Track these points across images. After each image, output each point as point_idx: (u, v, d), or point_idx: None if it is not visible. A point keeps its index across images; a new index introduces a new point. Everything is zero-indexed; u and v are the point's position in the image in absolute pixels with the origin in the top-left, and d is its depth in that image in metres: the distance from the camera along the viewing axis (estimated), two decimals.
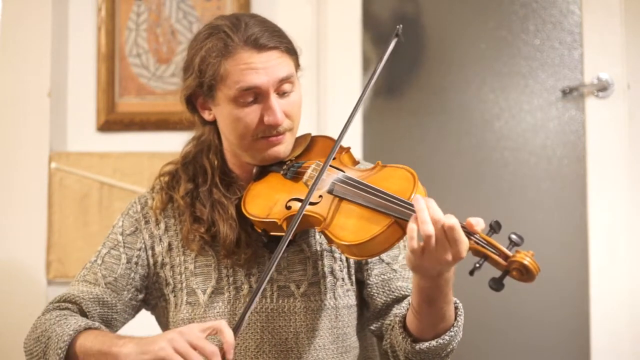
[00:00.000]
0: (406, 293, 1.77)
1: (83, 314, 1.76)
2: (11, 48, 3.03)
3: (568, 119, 3.06)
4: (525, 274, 1.47)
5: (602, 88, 3.00)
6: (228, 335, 1.52)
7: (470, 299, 2.95)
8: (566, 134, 3.06)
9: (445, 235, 1.48)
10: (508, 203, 3.09)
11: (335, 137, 1.78)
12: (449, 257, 1.48)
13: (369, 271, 1.80)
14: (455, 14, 3.16)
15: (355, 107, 1.74)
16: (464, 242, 1.48)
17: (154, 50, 3.06)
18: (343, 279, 1.80)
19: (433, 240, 1.48)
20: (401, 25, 1.75)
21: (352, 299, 1.81)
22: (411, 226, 1.50)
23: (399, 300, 1.78)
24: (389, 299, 1.78)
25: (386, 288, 1.79)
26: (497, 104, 3.10)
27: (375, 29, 3.17)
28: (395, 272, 1.80)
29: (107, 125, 3.05)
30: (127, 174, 2.99)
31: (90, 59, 3.07)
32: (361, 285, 1.82)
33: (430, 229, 1.48)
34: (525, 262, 1.46)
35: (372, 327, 1.81)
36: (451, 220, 1.48)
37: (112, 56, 3.06)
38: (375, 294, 1.79)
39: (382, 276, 1.79)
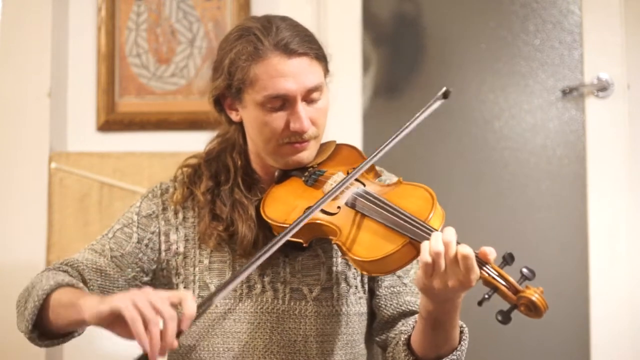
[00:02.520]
0: (414, 308, 1.77)
1: (84, 281, 1.76)
2: (11, 48, 3.03)
3: (568, 119, 3.06)
4: (533, 310, 1.47)
5: (602, 88, 2.99)
6: (190, 307, 1.46)
7: (470, 299, 2.95)
8: (566, 134, 3.06)
9: (458, 263, 1.47)
10: (508, 203, 3.08)
11: (339, 141, 1.78)
12: (458, 283, 1.48)
13: (380, 282, 1.80)
14: (455, 14, 3.16)
15: (396, 135, 1.76)
16: (475, 272, 1.48)
17: (154, 50, 3.06)
18: (356, 287, 1.80)
19: (442, 261, 1.47)
20: (452, 89, 1.73)
21: (363, 307, 1.81)
22: (425, 242, 1.51)
23: (406, 314, 1.78)
24: (396, 312, 1.78)
25: (394, 301, 1.79)
26: (497, 104, 3.10)
27: (375, 29, 3.17)
28: (405, 286, 1.80)
29: (107, 125, 3.05)
30: (127, 174, 2.99)
31: (90, 59, 3.07)
32: (371, 294, 1.82)
33: (440, 247, 1.47)
34: (534, 299, 1.46)
35: (377, 338, 1.82)
36: (466, 250, 1.47)
37: (112, 56, 3.06)
38: (384, 306, 1.79)
39: (392, 289, 1.79)
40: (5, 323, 2.92)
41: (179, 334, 1.46)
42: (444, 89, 1.74)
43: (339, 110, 3.06)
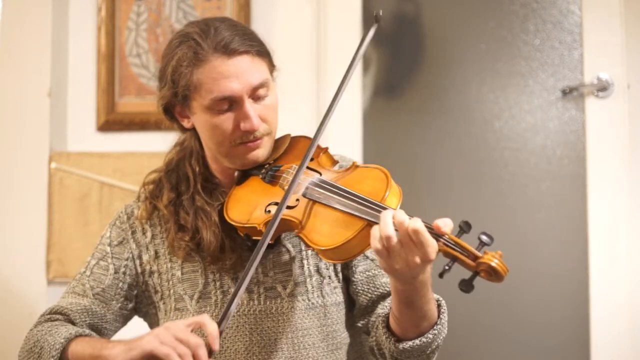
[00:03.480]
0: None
1: (73, 324, 1.77)
2: (11, 48, 3.03)
3: (568, 119, 3.06)
4: (494, 275, 1.46)
5: (602, 88, 3.00)
6: (211, 327, 1.54)
7: (470, 299, 2.95)
8: (566, 134, 3.07)
9: (411, 238, 1.47)
10: (508, 203, 3.09)
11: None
12: (417, 259, 1.48)
13: (354, 268, 1.81)
14: (455, 14, 3.16)
15: (331, 106, 1.73)
16: (432, 245, 1.48)
17: (154, 50, 3.06)
18: (329, 277, 1.80)
19: (393, 241, 1.48)
20: (381, 11, 1.72)
21: (339, 296, 1.81)
22: (374, 228, 1.51)
23: (384, 296, 1.78)
24: (374, 296, 1.79)
25: (371, 285, 1.79)
26: (497, 104, 3.10)
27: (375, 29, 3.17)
28: (379, 269, 1.80)
29: (107, 125, 3.05)
30: (127, 174, 2.99)
31: (90, 59, 3.07)
32: (347, 281, 1.83)
33: (389, 231, 1.47)
34: (493, 264, 1.45)
35: (359, 324, 1.82)
36: (416, 224, 1.47)
37: (112, 56, 3.06)
38: (361, 291, 1.80)
39: (367, 273, 1.80)
40: (5, 323, 2.92)
41: (210, 353, 1.53)
42: (375, 13, 1.71)
43: (339, 110, 3.06)
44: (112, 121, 3.04)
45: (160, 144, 2.99)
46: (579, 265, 3.00)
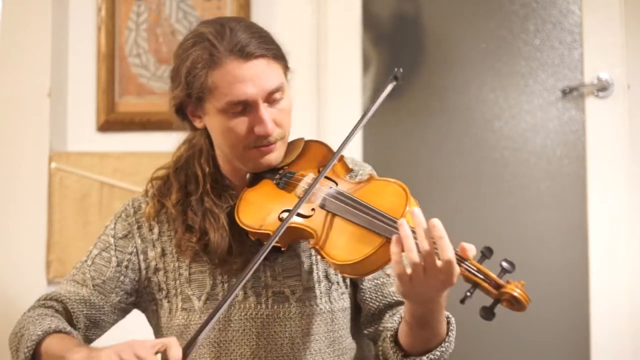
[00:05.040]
0: (399, 299, 1.75)
1: (68, 313, 1.76)
2: (11, 48, 3.03)
3: (568, 119, 3.06)
4: (516, 304, 1.46)
5: (602, 88, 3.00)
6: (175, 352, 1.50)
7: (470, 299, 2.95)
8: (566, 134, 3.06)
9: (441, 268, 1.45)
10: (508, 203, 3.08)
11: (334, 140, 1.76)
12: (439, 285, 1.47)
13: None
14: (455, 14, 3.16)
15: (357, 125, 1.71)
16: (457, 271, 1.46)
17: (154, 50, 3.06)
18: (338, 282, 1.79)
19: (420, 268, 1.46)
20: (401, 69, 1.70)
21: (346, 302, 1.80)
22: (394, 250, 1.48)
23: (391, 305, 1.77)
24: (382, 305, 1.77)
25: (379, 293, 1.77)
26: (497, 104, 3.10)
27: (375, 29, 3.17)
28: (388, 277, 1.78)
29: (107, 125, 3.05)
30: (127, 174, 2.99)
31: (90, 59, 3.07)
32: (355, 287, 1.81)
33: (415, 257, 1.46)
34: (516, 294, 1.45)
35: (365, 331, 1.81)
36: (449, 255, 1.44)
37: (112, 56, 3.06)
38: (369, 299, 1.78)
39: (375, 281, 1.78)
40: (5, 323, 2.92)
41: None
42: (395, 70, 1.71)
43: (339, 110, 3.07)
44: (112, 121, 3.05)
45: (160, 143, 2.99)
46: (579, 265, 3.00)
